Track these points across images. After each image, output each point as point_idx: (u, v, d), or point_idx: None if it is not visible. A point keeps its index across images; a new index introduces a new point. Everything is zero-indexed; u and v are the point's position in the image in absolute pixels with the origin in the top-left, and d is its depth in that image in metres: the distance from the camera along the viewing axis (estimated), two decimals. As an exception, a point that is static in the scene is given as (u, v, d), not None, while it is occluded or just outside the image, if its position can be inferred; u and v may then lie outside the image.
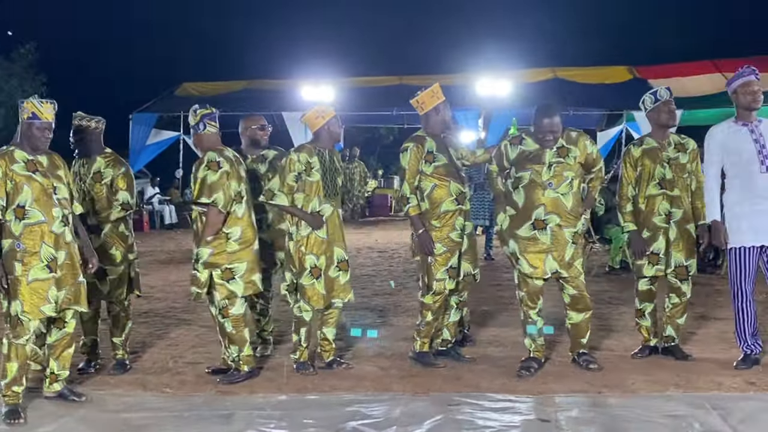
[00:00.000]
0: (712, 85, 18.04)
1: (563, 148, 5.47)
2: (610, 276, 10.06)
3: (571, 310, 5.57)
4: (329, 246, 5.61)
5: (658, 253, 5.77)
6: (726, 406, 4.69)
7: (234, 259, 5.42)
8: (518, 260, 5.50)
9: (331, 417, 4.68)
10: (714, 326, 6.97)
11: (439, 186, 5.65)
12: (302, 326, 5.66)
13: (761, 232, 5.44)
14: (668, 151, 5.78)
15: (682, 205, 5.75)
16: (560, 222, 5.41)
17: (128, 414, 4.78)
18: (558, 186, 5.41)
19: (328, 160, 5.68)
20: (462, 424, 4.53)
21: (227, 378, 5.46)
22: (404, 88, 18.90)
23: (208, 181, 5.31)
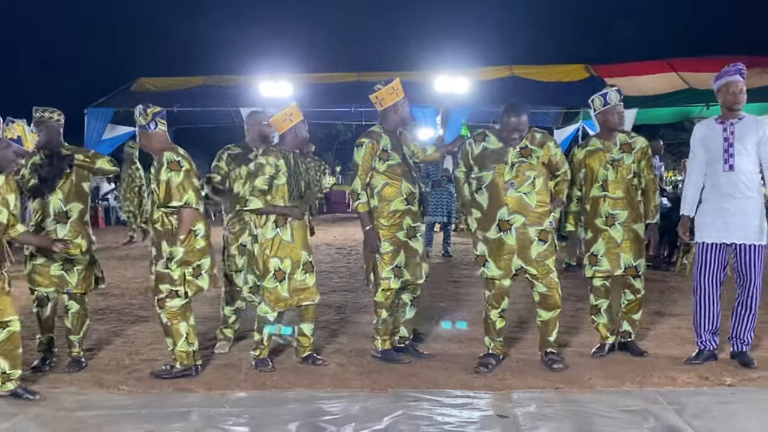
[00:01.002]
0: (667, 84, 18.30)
1: (527, 148, 5.46)
2: (567, 273, 10.14)
3: (540, 307, 5.59)
4: (294, 249, 5.59)
5: (597, 255, 5.84)
6: (680, 400, 4.76)
7: (201, 256, 5.43)
8: (486, 263, 5.51)
9: (290, 413, 4.65)
10: (669, 322, 7.08)
11: (390, 185, 5.66)
12: (265, 324, 5.63)
13: (723, 230, 5.54)
14: (613, 153, 5.83)
15: (626, 207, 5.81)
16: (525, 221, 5.42)
17: (83, 412, 4.70)
18: (520, 185, 5.41)
19: (293, 163, 5.65)
20: (420, 420, 4.53)
21: (157, 372, 5.44)
22: (362, 84, 18.86)
23: (175, 183, 5.26)
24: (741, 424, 4.35)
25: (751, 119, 5.59)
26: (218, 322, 6.44)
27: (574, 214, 5.98)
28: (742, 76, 5.57)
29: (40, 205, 5.60)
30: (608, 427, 4.35)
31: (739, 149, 5.48)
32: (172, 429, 4.39)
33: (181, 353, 5.43)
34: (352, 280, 9.84)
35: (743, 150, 5.47)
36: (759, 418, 4.47)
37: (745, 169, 5.47)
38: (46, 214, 5.59)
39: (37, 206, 5.61)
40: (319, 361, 5.74)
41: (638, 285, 5.89)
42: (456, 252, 12.44)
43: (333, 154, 36.14)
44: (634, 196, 5.85)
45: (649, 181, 5.88)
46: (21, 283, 5.63)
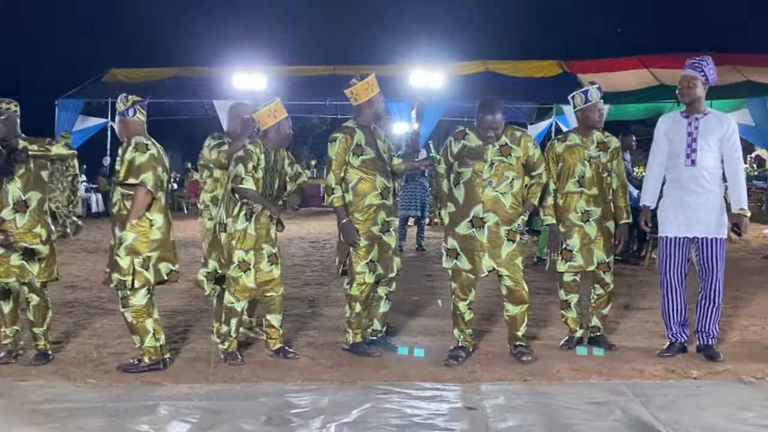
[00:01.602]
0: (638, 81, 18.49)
1: (506, 146, 5.47)
2: (537, 267, 10.20)
3: (507, 302, 5.62)
4: (257, 242, 5.59)
5: (571, 250, 5.88)
6: (646, 393, 4.80)
7: (153, 248, 5.36)
8: (458, 256, 5.51)
9: (259, 407, 4.64)
10: (637, 316, 7.14)
11: (365, 179, 5.66)
12: (232, 317, 5.61)
13: (684, 224, 5.60)
14: (590, 150, 5.87)
15: (600, 204, 5.86)
16: (498, 220, 5.44)
17: (50, 405, 4.66)
18: (498, 185, 5.42)
19: (273, 160, 5.63)
20: (390, 412, 4.54)
21: (125, 366, 5.41)
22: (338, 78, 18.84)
23: (137, 162, 5.25)
24: (706, 417, 4.39)
25: (716, 115, 5.63)
26: (187, 315, 6.41)
27: (553, 207, 5.95)
28: (695, 69, 5.60)
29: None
30: (575, 419, 4.38)
31: (702, 144, 5.52)
32: (139, 422, 4.36)
33: (149, 348, 5.40)
34: (324, 274, 9.83)
35: (706, 145, 5.52)
36: (724, 410, 4.52)
37: (706, 165, 5.52)
38: (4, 204, 5.51)
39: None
40: (290, 354, 5.73)
41: (608, 279, 5.94)
42: (429, 246, 12.45)
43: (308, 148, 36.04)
44: (606, 194, 5.90)
45: (621, 181, 5.93)
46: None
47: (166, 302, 7.17)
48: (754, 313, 7.15)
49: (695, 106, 5.62)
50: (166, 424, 4.37)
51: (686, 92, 5.63)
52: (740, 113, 16.74)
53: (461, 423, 4.36)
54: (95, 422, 4.35)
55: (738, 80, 17.90)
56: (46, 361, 5.62)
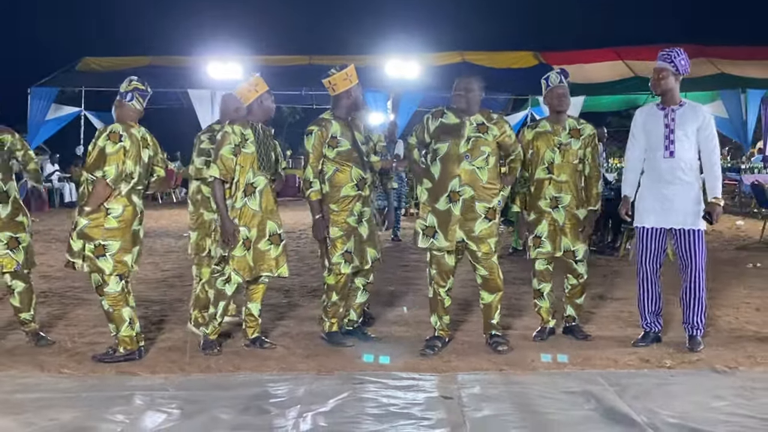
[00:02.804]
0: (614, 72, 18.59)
1: (483, 125, 5.50)
2: (512, 257, 10.24)
3: (482, 290, 5.64)
4: (262, 219, 5.56)
5: (540, 236, 5.91)
6: (621, 382, 4.84)
7: (109, 236, 5.28)
8: (435, 233, 5.51)
9: (235, 397, 4.63)
10: (611, 306, 7.19)
11: (341, 171, 5.66)
12: (221, 299, 5.58)
13: (662, 216, 5.64)
14: (561, 136, 5.89)
15: (570, 191, 5.88)
16: (474, 194, 5.45)
17: (23, 395, 4.62)
18: (474, 159, 5.44)
19: (262, 134, 5.61)
20: (366, 402, 4.54)
21: (100, 355, 5.38)
22: (314, 68, 18.79)
23: (106, 152, 5.21)
24: (679, 405, 4.44)
25: (691, 106, 5.66)
26: (163, 305, 6.37)
27: (521, 196, 6.02)
28: (665, 60, 5.63)
29: None
30: (550, 408, 4.41)
31: (679, 136, 5.56)
32: (113, 413, 4.33)
33: (124, 338, 5.36)
34: (300, 264, 9.80)
35: (684, 136, 5.55)
36: (696, 399, 4.56)
37: (684, 156, 5.56)
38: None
39: None
40: (266, 344, 5.72)
41: (581, 270, 5.97)
42: (406, 236, 12.47)
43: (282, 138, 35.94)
44: (578, 182, 5.92)
45: (593, 168, 5.96)
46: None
47: (141, 292, 7.13)
48: (726, 303, 7.23)
49: (670, 98, 5.65)
50: (142, 414, 4.34)
51: (657, 83, 5.66)
52: (714, 105, 16.91)
53: (437, 412, 4.37)
54: (69, 413, 4.32)
55: (713, 72, 18.07)
56: (46, 341, 5.70)
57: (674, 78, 5.62)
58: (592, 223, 6.01)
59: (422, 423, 4.21)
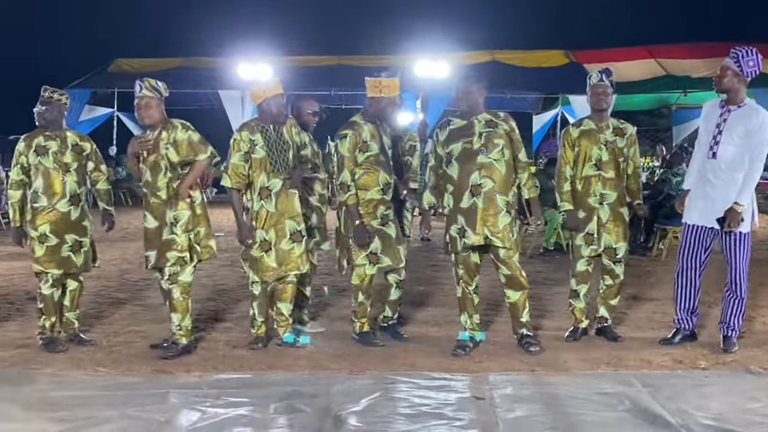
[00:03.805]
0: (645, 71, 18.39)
1: (491, 121, 5.50)
2: (544, 257, 10.21)
3: (507, 288, 5.63)
4: (279, 219, 5.60)
5: (592, 234, 5.87)
6: (655, 383, 4.82)
7: (198, 224, 5.55)
8: (465, 233, 5.46)
9: (267, 396, 4.66)
10: (645, 307, 7.14)
11: (368, 174, 5.70)
12: (253, 300, 5.73)
13: (705, 214, 5.58)
14: (606, 134, 5.86)
15: (615, 188, 5.85)
16: (494, 186, 5.41)
17: (60, 393, 4.68)
18: (490, 152, 5.42)
19: (275, 135, 5.63)
20: (398, 402, 4.56)
21: (163, 354, 5.46)
22: (343, 68, 18.82)
23: (194, 140, 5.51)
24: (714, 407, 4.40)
25: (750, 108, 5.49)
26: (196, 304, 6.41)
27: (570, 193, 5.95)
28: (732, 59, 5.47)
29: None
30: (583, 409, 4.40)
31: (726, 138, 5.45)
32: (149, 411, 4.38)
33: (186, 329, 5.54)
34: (330, 263, 9.80)
35: (729, 139, 5.44)
36: (731, 400, 4.53)
37: (726, 158, 5.44)
38: (62, 195, 5.69)
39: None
40: (298, 344, 5.75)
41: (618, 270, 5.93)
42: (435, 236, 12.45)
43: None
44: (622, 179, 5.89)
45: (636, 166, 5.95)
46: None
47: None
48: (762, 303, 7.15)
49: (732, 97, 5.51)
50: (177, 412, 4.39)
51: (716, 81, 5.57)
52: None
53: (469, 413, 4.37)
54: (105, 411, 4.37)
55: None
56: (85, 342, 5.82)
57: (737, 79, 5.46)
58: (646, 212, 5.96)
59: (454, 423, 4.21)
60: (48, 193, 5.65)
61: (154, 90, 5.49)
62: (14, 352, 5.60)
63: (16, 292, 7.89)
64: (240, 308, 6.97)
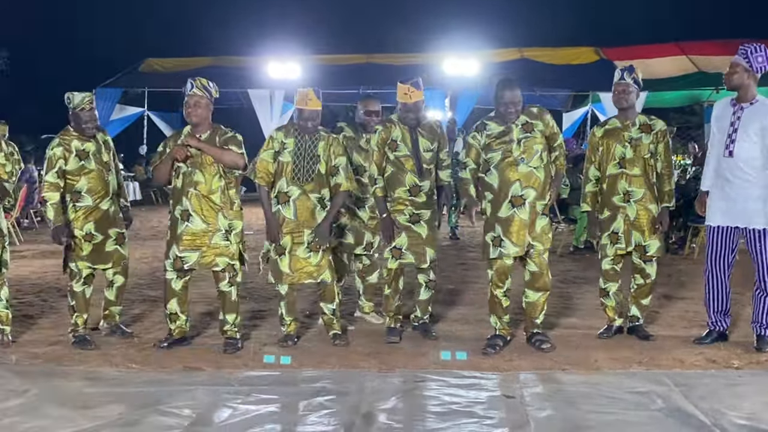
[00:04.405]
0: (676, 67, 18.19)
1: (528, 123, 5.47)
2: (574, 256, 10.15)
3: (529, 288, 5.61)
4: (297, 227, 5.61)
5: (617, 232, 5.82)
6: (687, 382, 4.77)
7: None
8: (502, 242, 5.45)
9: (297, 393, 4.68)
10: (677, 305, 7.07)
11: (396, 173, 5.74)
12: (281, 300, 5.77)
13: (728, 214, 5.53)
14: (631, 132, 5.80)
15: (642, 186, 5.78)
16: (535, 196, 5.43)
17: (92, 389, 4.73)
18: (530, 160, 5.41)
19: (307, 145, 5.64)
20: (428, 400, 4.56)
21: (229, 350, 5.55)
22: (372, 66, 18.82)
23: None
24: (747, 406, 4.36)
25: (761, 104, 5.46)
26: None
27: (591, 195, 5.94)
28: (740, 54, 5.46)
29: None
30: (615, 408, 4.37)
31: (741, 135, 5.41)
32: (180, 407, 4.41)
33: (240, 325, 5.76)
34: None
35: (746, 136, 5.40)
36: (765, 399, 4.48)
37: (743, 156, 5.41)
38: (108, 193, 5.88)
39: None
40: (337, 341, 5.76)
41: (649, 270, 5.87)
42: (463, 235, 12.43)
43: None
44: (650, 176, 5.81)
45: (666, 164, 5.84)
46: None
47: (203, 288, 7.24)
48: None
49: (742, 94, 5.49)
50: (207, 409, 4.42)
51: (726, 78, 5.55)
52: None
53: (500, 411, 4.36)
54: (137, 407, 4.41)
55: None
56: (129, 335, 5.98)
57: (747, 74, 5.43)
58: (667, 220, 5.90)
59: (485, 422, 4.20)
60: (92, 193, 5.77)
61: (204, 90, 5.50)
62: (47, 348, 5.67)
63: (49, 289, 7.98)
64: (269, 306, 6.99)
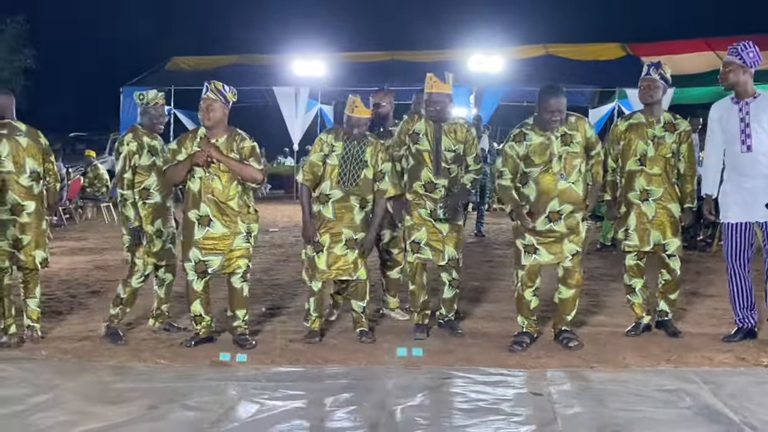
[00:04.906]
0: (704, 63, 18.04)
1: (566, 135, 5.38)
2: (601, 253, 10.09)
3: (562, 284, 5.57)
4: (336, 225, 5.67)
5: (628, 229, 5.80)
6: (716, 380, 4.73)
7: None
8: (536, 250, 5.44)
9: (324, 389, 4.70)
10: (705, 303, 7.01)
11: (415, 167, 5.77)
12: (311, 296, 5.79)
13: (745, 210, 5.51)
14: (655, 129, 5.75)
15: (662, 184, 5.73)
16: (573, 209, 5.39)
17: (122, 385, 4.77)
18: (569, 175, 5.36)
19: (355, 150, 5.67)
20: (455, 396, 4.55)
21: (249, 345, 5.57)
22: (396, 63, 18.82)
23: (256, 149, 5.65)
24: (778, 405, 4.31)
25: (765, 97, 5.48)
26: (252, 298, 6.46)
27: (610, 183, 5.92)
28: (731, 54, 5.53)
29: None
30: (643, 406, 4.34)
31: (756, 129, 5.42)
32: (208, 402, 4.44)
33: (249, 321, 5.77)
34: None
35: (760, 129, 5.41)
36: (796, 398, 4.43)
37: (762, 149, 5.42)
38: (170, 191, 5.99)
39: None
40: (363, 338, 5.77)
41: (673, 265, 5.82)
42: (489, 232, 12.41)
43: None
44: (671, 176, 5.77)
45: (688, 165, 5.79)
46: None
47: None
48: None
49: (742, 91, 5.51)
50: (236, 404, 4.44)
51: (722, 78, 5.58)
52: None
53: (527, 408, 4.35)
54: (166, 402, 4.44)
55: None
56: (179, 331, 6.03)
57: (742, 71, 5.48)
58: (690, 221, 5.85)
59: (512, 419, 4.19)
60: (160, 190, 5.86)
61: (218, 93, 5.49)
62: (77, 344, 5.72)
63: (78, 285, 8.05)
64: (296, 302, 7.02)
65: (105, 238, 12.23)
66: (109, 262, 9.60)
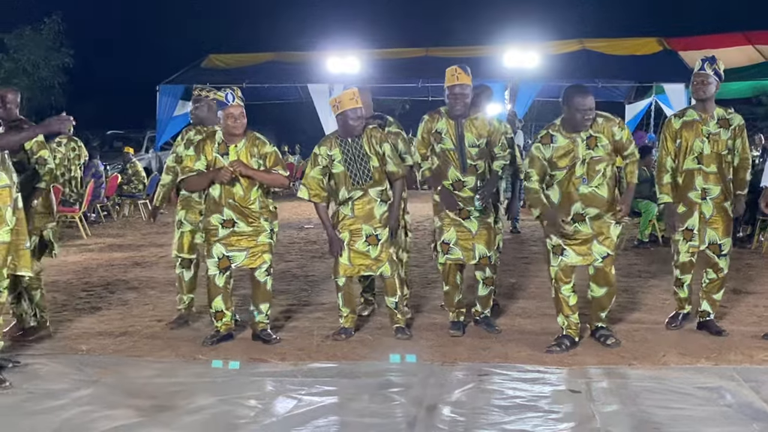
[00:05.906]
0: (743, 58, 17.77)
1: (591, 138, 5.29)
2: (638, 249, 9.99)
3: (594, 282, 5.51)
4: (355, 222, 5.68)
5: (692, 229, 5.70)
6: (758, 378, 4.67)
7: None
8: (564, 251, 5.38)
9: (361, 385, 4.71)
10: (746, 300, 6.92)
11: (441, 166, 5.78)
12: (338, 291, 5.80)
13: None
14: (709, 126, 5.65)
15: (719, 182, 5.64)
16: (600, 212, 5.32)
17: (160, 380, 4.83)
18: (592, 180, 5.29)
19: (353, 148, 5.65)
20: (492, 393, 4.54)
21: (272, 340, 5.63)
22: (431, 59, 18.76)
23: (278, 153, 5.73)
24: (822, 404, 4.25)
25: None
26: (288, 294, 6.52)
27: (669, 186, 5.77)
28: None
29: None
30: (683, 403, 4.30)
31: None
32: (246, 398, 4.48)
33: (271, 316, 5.84)
34: (418, 256, 9.82)
35: None
36: (841, 397, 4.36)
37: None
38: None
39: None
40: (399, 334, 5.78)
41: (722, 264, 5.73)
42: (525, 228, 12.33)
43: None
44: (726, 173, 5.68)
45: (744, 158, 5.70)
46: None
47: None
48: None
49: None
50: (273, 399, 4.49)
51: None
52: None
53: (565, 406, 4.32)
54: (206, 398, 4.49)
55: None
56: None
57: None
58: (741, 210, 5.77)
59: (550, 416, 4.18)
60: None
61: (242, 100, 5.55)
62: (116, 339, 5.80)
63: (116, 282, 8.14)
64: (331, 299, 7.01)
65: (143, 234, 12.35)
66: (146, 258, 9.69)
